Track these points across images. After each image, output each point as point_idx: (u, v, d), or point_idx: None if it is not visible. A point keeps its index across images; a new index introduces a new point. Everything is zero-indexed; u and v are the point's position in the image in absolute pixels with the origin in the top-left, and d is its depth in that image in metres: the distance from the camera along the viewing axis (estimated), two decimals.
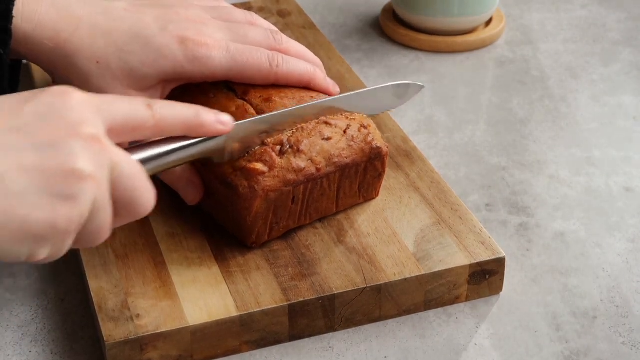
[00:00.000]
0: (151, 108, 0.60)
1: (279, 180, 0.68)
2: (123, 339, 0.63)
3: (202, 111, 0.64)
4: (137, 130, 0.59)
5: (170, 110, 0.61)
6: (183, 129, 0.63)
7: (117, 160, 0.55)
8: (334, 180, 0.71)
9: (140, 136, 0.60)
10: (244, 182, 0.68)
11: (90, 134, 0.54)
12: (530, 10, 1.13)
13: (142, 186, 0.57)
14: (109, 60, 0.70)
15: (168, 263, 0.69)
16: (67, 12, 0.70)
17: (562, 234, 0.77)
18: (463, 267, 0.69)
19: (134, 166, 0.57)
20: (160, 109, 0.60)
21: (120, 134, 0.58)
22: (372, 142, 0.73)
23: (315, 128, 0.71)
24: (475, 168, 0.85)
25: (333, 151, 0.71)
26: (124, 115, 0.58)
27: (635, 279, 0.73)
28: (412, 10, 1.03)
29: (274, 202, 0.69)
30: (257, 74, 0.72)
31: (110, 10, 0.71)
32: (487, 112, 0.94)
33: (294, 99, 0.72)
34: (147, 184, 0.58)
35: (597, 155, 0.87)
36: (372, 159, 0.73)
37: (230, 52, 0.72)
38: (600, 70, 1.01)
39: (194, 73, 0.71)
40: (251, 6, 1.06)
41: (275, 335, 0.67)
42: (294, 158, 0.69)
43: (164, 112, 0.61)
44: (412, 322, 0.69)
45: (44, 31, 0.69)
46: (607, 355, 0.67)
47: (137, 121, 0.59)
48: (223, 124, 0.65)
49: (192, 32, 0.71)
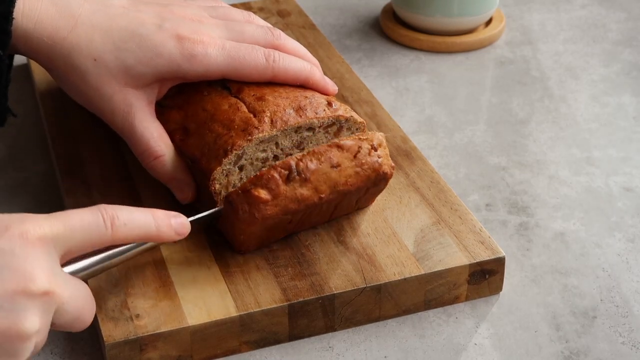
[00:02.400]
0: (113, 226, 0.60)
1: (279, 209, 0.67)
2: (123, 339, 0.63)
3: (161, 223, 0.63)
4: (94, 247, 0.61)
5: (129, 227, 0.61)
6: (140, 239, 0.63)
7: (63, 300, 0.57)
8: (333, 203, 0.71)
9: (98, 248, 0.61)
10: (245, 205, 0.67)
11: (40, 291, 0.55)
12: (530, 10, 1.13)
13: (86, 307, 0.59)
14: (106, 58, 0.70)
15: (168, 263, 0.69)
16: (66, 10, 0.70)
17: (562, 234, 0.77)
18: (463, 267, 0.69)
19: (79, 293, 0.59)
20: (121, 226, 0.61)
21: (76, 253, 0.60)
22: (380, 168, 0.71)
23: (326, 152, 0.69)
24: (475, 168, 0.85)
25: (339, 179, 0.69)
26: (79, 244, 0.59)
27: (635, 278, 0.73)
28: (412, 11, 1.03)
29: (270, 226, 0.68)
30: (254, 71, 0.72)
31: (108, 7, 0.71)
32: (487, 112, 0.94)
33: (288, 98, 0.72)
34: (90, 303, 0.60)
35: (597, 155, 0.87)
36: (376, 183, 0.72)
37: (226, 49, 0.72)
38: (600, 70, 1.01)
39: (190, 71, 0.71)
40: (251, 6, 1.06)
41: (275, 335, 0.67)
42: (299, 187, 0.68)
43: (124, 230, 0.61)
44: (412, 322, 0.69)
45: (43, 29, 0.69)
46: (607, 355, 0.67)
47: (94, 241, 0.60)
48: (179, 234, 0.65)
49: (189, 30, 0.71)
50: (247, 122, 0.70)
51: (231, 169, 0.69)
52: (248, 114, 0.71)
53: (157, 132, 0.72)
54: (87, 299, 0.60)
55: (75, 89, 0.72)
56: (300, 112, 0.71)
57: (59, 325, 0.59)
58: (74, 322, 0.59)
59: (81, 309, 0.59)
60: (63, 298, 0.57)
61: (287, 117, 0.70)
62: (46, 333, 0.57)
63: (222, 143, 0.69)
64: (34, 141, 0.88)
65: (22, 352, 0.55)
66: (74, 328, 0.60)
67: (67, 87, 0.73)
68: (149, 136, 0.71)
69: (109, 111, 0.72)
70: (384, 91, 0.96)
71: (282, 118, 0.70)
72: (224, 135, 0.70)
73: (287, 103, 0.72)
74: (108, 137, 0.81)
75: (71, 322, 0.59)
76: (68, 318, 0.58)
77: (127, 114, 0.71)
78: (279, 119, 0.70)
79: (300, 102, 0.72)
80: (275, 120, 0.70)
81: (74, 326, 0.59)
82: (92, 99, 0.72)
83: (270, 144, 0.70)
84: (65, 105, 0.85)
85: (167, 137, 0.72)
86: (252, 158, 0.70)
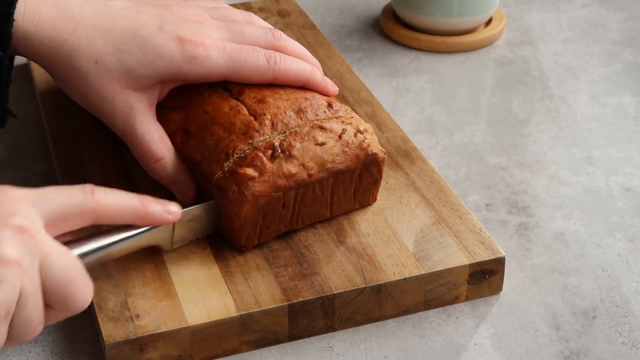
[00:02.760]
0: (94, 196, 0.60)
1: (269, 185, 0.68)
2: (123, 339, 0.63)
3: (148, 201, 0.64)
4: (78, 220, 0.60)
5: (113, 199, 0.62)
6: (129, 217, 0.63)
7: (48, 252, 0.57)
8: (327, 185, 0.71)
9: (83, 224, 0.61)
10: (233, 186, 0.68)
11: (19, 224, 0.55)
12: (530, 10, 1.13)
13: (77, 279, 0.58)
14: (107, 60, 0.70)
15: (168, 263, 0.69)
16: (67, 12, 0.70)
17: (562, 234, 0.77)
18: (463, 267, 0.69)
19: (68, 258, 0.58)
20: (103, 198, 0.61)
21: (59, 226, 0.60)
22: (368, 148, 0.72)
23: (309, 132, 0.70)
24: (475, 168, 0.85)
25: (326, 157, 0.70)
26: (61, 207, 0.59)
27: (635, 278, 0.73)
28: (412, 10, 1.03)
29: (264, 207, 0.68)
30: (255, 72, 0.72)
31: (109, 9, 0.71)
32: (487, 112, 0.94)
33: (288, 100, 0.72)
34: (82, 278, 0.58)
35: (597, 155, 0.87)
36: (367, 165, 0.72)
37: (227, 51, 0.72)
38: (600, 70, 1.01)
39: (191, 73, 0.71)
40: (251, 6, 1.06)
41: (275, 335, 0.67)
42: (286, 163, 0.69)
43: (107, 201, 0.61)
44: (412, 322, 0.69)
45: (44, 31, 0.69)
46: (607, 355, 0.67)
47: (77, 211, 0.60)
48: (171, 214, 0.65)
49: (190, 32, 0.71)
50: (248, 125, 0.70)
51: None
52: (249, 117, 0.71)
53: (158, 135, 0.72)
54: (77, 270, 0.58)
55: (76, 91, 0.72)
56: (300, 114, 0.71)
57: (50, 291, 0.57)
58: (65, 295, 0.57)
59: (72, 280, 0.58)
60: (46, 248, 0.56)
61: (287, 119, 0.71)
62: (36, 285, 0.56)
63: (224, 147, 0.69)
64: (34, 141, 0.88)
65: (5, 279, 0.54)
66: (66, 306, 0.58)
67: (68, 89, 0.73)
68: (150, 139, 0.71)
69: (110, 113, 0.72)
70: (384, 91, 0.96)
71: (283, 120, 0.70)
72: (225, 138, 0.70)
73: (287, 105, 0.72)
74: (108, 138, 0.81)
75: (63, 295, 0.57)
76: (58, 286, 0.57)
77: (128, 116, 0.71)
78: (279, 122, 0.70)
79: (300, 104, 0.72)
80: (276, 122, 0.70)
81: (66, 303, 0.58)
82: (93, 101, 0.72)
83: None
84: (66, 106, 0.85)
85: (167, 140, 0.72)
86: None
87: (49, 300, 0.58)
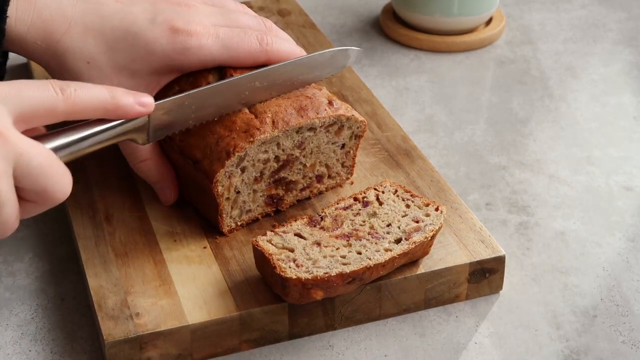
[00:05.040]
0: (63, 92, 0.60)
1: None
2: (123, 338, 0.63)
3: (119, 93, 0.63)
4: (48, 115, 0.60)
5: (84, 93, 0.61)
6: (99, 111, 0.62)
7: (22, 151, 0.56)
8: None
9: (53, 120, 0.60)
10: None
11: None
12: (530, 10, 1.13)
13: (54, 173, 0.58)
14: (99, 60, 0.70)
15: (168, 261, 0.69)
16: (59, 12, 0.69)
17: (562, 233, 0.77)
18: (463, 266, 0.69)
19: (43, 153, 0.57)
20: (74, 92, 0.60)
21: (30, 120, 0.59)
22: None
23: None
24: (475, 167, 0.85)
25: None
26: (32, 101, 0.59)
27: (635, 278, 0.73)
28: (412, 10, 1.03)
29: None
30: (248, 56, 0.72)
31: (102, 5, 0.71)
32: (487, 112, 0.94)
33: (289, 98, 0.72)
34: (59, 170, 0.58)
35: (597, 154, 0.87)
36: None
37: (219, 38, 0.71)
38: (600, 70, 1.01)
39: (185, 63, 0.71)
40: (252, 5, 1.06)
41: (275, 333, 0.67)
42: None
43: (78, 95, 0.60)
44: (412, 321, 0.69)
45: (36, 32, 0.69)
46: (607, 354, 0.67)
47: (47, 106, 0.59)
48: (143, 105, 0.64)
49: (182, 21, 0.71)
50: (248, 124, 0.70)
51: (233, 171, 0.70)
52: (249, 115, 0.71)
53: None
54: (52, 164, 0.58)
55: None
56: (301, 112, 0.71)
57: (29, 189, 0.57)
58: (43, 190, 0.57)
59: (50, 175, 0.57)
60: (19, 148, 0.56)
61: (288, 117, 0.71)
62: (10, 190, 0.56)
63: (224, 145, 0.69)
64: None
65: None
66: (46, 200, 0.58)
67: None
68: None
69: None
70: (384, 90, 0.96)
71: (284, 119, 0.70)
72: (225, 137, 0.70)
73: (288, 103, 0.72)
74: None
75: (41, 190, 0.57)
76: (36, 183, 0.57)
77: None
78: (280, 120, 0.70)
79: (301, 102, 0.72)
80: (277, 121, 0.70)
81: (45, 197, 0.58)
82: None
83: (271, 144, 0.70)
84: None
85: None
86: (254, 159, 0.70)
87: (28, 195, 0.58)
